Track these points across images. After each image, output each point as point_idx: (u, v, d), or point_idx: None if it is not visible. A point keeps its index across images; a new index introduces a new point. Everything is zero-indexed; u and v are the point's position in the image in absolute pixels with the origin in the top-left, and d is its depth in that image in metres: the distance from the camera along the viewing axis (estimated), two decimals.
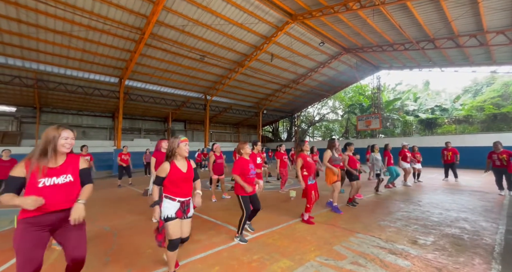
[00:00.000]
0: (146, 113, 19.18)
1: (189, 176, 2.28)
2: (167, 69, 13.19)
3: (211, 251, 2.87)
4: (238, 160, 3.29)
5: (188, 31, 10.50)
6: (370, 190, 6.52)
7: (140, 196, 6.44)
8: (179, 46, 11.21)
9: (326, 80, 18.42)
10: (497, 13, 8.19)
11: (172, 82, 14.83)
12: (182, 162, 2.31)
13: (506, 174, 5.75)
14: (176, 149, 2.26)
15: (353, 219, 4.10)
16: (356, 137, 21.12)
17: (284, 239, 3.22)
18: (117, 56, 11.30)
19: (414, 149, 7.96)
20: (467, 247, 2.92)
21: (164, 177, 2.20)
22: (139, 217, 4.42)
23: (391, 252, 2.77)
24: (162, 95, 16.33)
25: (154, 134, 20.52)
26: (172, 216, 2.16)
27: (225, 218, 4.26)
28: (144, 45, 10.32)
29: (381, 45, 12.66)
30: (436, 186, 7.32)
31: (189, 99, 17.68)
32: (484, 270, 2.37)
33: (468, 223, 3.83)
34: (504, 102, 17.44)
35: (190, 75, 14.32)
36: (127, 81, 13.27)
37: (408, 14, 9.17)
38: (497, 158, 5.84)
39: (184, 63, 12.90)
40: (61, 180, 1.67)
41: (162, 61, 12.30)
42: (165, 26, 9.96)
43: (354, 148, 5.50)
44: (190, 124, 23.05)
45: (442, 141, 9.98)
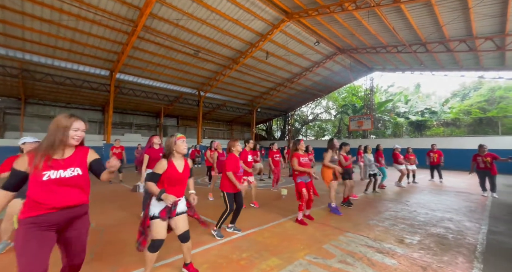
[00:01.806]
0: (137, 108, 18.79)
1: (184, 177, 2.24)
2: (160, 64, 12.92)
3: (200, 249, 2.84)
4: (229, 157, 3.28)
5: (183, 25, 10.29)
6: (361, 190, 6.61)
7: (130, 192, 6.31)
8: (173, 40, 10.99)
9: (320, 80, 18.53)
10: (486, 20, 8.41)
11: (165, 77, 14.56)
12: (180, 160, 2.26)
13: (490, 176, 5.96)
14: (174, 147, 2.22)
15: (343, 218, 4.14)
16: (348, 137, 21.42)
17: (274, 237, 3.22)
18: (108, 48, 10.96)
19: (409, 150, 8.08)
20: (451, 246, 3.00)
21: (160, 174, 2.15)
22: (127, 213, 4.32)
23: (378, 251, 2.82)
24: (155, 90, 16.02)
25: (146, 130, 20.15)
26: (156, 216, 2.09)
27: (216, 215, 4.20)
28: (136, 38, 10.05)
29: (375, 46, 12.81)
30: (424, 187, 7.52)
31: (182, 95, 17.42)
32: (466, 268, 2.44)
33: (453, 223, 3.94)
34: (490, 107, 18.06)
35: (184, 71, 14.09)
36: (118, 74, 12.92)
37: (402, 17, 9.30)
38: (482, 160, 6.04)
39: (178, 58, 12.67)
40: (68, 173, 1.50)
41: (155, 55, 12.03)
42: (159, 19, 9.73)
43: (349, 148, 5.57)
44: (183, 120, 22.76)
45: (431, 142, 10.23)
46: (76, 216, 1.56)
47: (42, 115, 15.67)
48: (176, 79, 15.08)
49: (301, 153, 4.02)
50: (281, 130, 28.22)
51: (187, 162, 2.32)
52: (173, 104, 18.27)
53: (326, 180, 4.57)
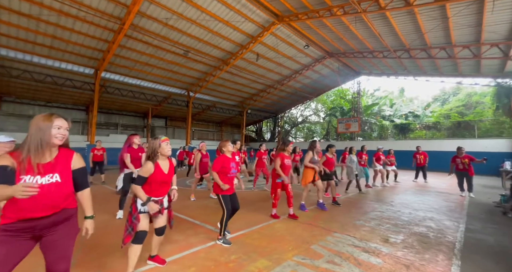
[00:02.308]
0: (124, 108, 18.22)
1: (169, 177, 2.34)
2: (148, 63, 12.64)
3: (188, 252, 2.78)
4: (219, 158, 3.25)
5: (172, 24, 10.13)
6: (344, 190, 6.76)
7: (114, 194, 6.09)
8: (162, 40, 10.79)
9: (309, 83, 18.83)
10: (463, 29, 8.92)
11: (153, 77, 14.25)
12: (165, 161, 2.34)
13: (467, 176, 6.28)
14: (158, 149, 2.27)
15: (331, 219, 4.21)
16: (337, 139, 21.88)
17: (263, 239, 3.21)
18: (93, 45, 10.58)
19: (390, 152, 8.41)
20: (432, 244, 3.13)
21: (146, 177, 2.21)
22: (111, 216, 4.16)
23: (364, 251, 2.88)
24: (142, 89, 15.62)
25: (133, 130, 19.58)
26: (144, 211, 2.24)
27: (203, 217, 4.16)
28: (123, 36, 9.77)
29: (362, 51, 13.22)
30: (408, 187, 7.81)
31: (171, 95, 17.11)
32: (446, 265, 2.55)
33: (434, 222, 4.11)
34: (467, 111, 19.11)
35: (173, 71, 13.85)
36: (103, 73, 12.48)
37: (387, 24, 9.66)
38: (460, 162, 6.36)
39: (167, 58, 12.45)
40: (45, 180, 1.37)
41: (143, 54, 11.75)
42: (147, 18, 9.52)
43: (335, 149, 5.69)
44: (172, 121, 22.33)
45: (414, 145, 10.66)
46: (56, 222, 1.45)
47: (20, 115, 14.82)
48: (164, 79, 14.79)
49: (287, 154, 4.09)
50: (271, 132, 28.35)
51: (171, 162, 2.41)
52: (162, 104, 17.89)
53: (304, 180, 4.66)
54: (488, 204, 5.47)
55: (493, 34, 8.71)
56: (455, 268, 2.49)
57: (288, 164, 4.08)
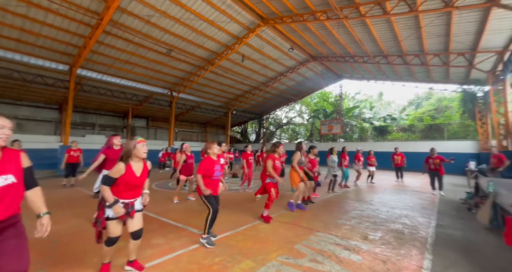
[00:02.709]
0: (102, 107, 17.32)
1: (141, 181, 2.26)
2: (129, 61, 12.15)
3: (170, 256, 2.70)
4: (204, 160, 3.19)
5: (154, 22, 9.84)
6: (327, 191, 6.96)
7: (90, 197, 5.76)
8: (144, 37, 10.43)
9: (294, 85, 19.18)
10: (434, 38, 9.60)
11: (134, 75, 13.72)
12: (138, 164, 2.26)
13: (438, 176, 6.74)
14: (133, 151, 2.19)
15: (314, 218, 4.31)
16: (320, 141, 22.45)
17: (248, 240, 3.21)
18: (67, 40, 9.95)
19: (370, 152, 8.80)
20: (407, 240, 3.31)
21: (115, 178, 2.12)
22: (84, 220, 3.93)
23: (345, 248, 2.98)
24: (122, 88, 14.97)
25: (111, 130, 18.65)
26: (113, 217, 2.15)
27: (187, 220, 4.06)
28: (102, 31, 9.31)
29: (343, 56, 13.73)
30: (386, 187, 8.21)
31: (153, 95, 16.57)
32: (419, 259, 2.71)
33: (409, 219, 4.36)
34: (438, 115, 20.52)
35: (155, 69, 13.44)
36: (79, 70, 11.80)
37: (367, 30, 10.13)
38: (432, 162, 6.81)
39: (149, 56, 12.05)
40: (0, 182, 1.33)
41: (123, 51, 11.28)
42: (128, 14, 9.16)
43: (317, 151, 5.85)
44: (153, 121, 21.62)
45: (391, 146, 11.22)
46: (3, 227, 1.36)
47: None
48: (146, 78, 14.30)
49: (277, 156, 4.11)
50: (256, 133, 28.44)
51: (146, 165, 2.33)
52: (143, 104, 17.27)
53: (295, 181, 4.73)
54: (456, 201, 5.91)
55: (459, 44, 9.47)
56: (427, 262, 2.65)
57: (278, 165, 4.09)
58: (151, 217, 4.18)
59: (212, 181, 3.13)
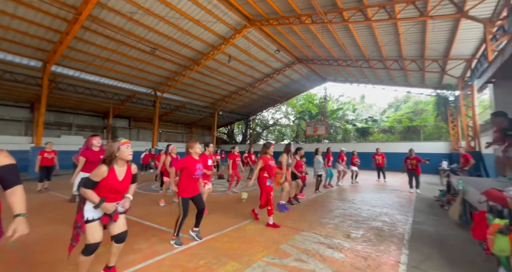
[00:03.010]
0: (79, 106, 16.42)
1: (124, 185, 2.15)
2: (110, 59, 11.64)
3: (152, 260, 2.62)
4: (184, 158, 3.15)
5: (138, 19, 9.52)
6: (313, 190, 7.11)
7: (66, 202, 5.44)
8: (126, 35, 10.05)
9: (280, 86, 19.40)
10: (411, 45, 10.17)
11: (116, 74, 13.17)
12: (122, 167, 2.15)
13: (415, 175, 7.13)
14: (117, 153, 2.07)
15: (299, 218, 4.38)
16: (305, 141, 22.87)
17: (234, 242, 3.19)
18: (40, 35, 9.34)
19: (354, 153, 9.11)
20: (386, 237, 3.47)
21: (97, 182, 2.01)
22: (58, 227, 3.71)
23: (329, 247, 3.06)
24: (102, 87, 14.30)
25: (90, 131, 17.73)
26: (94, 218, 2.01)
27: (170, 223, 3.95)
28: (80, 27, 8.85)
29: (328, 59, 14.13)
30: (368, 186, 8.53)
31: (135, 94, 16.00)
32: (397, 255, 2.85)
33: (388, 216, 4.56)
34: (415, 117, 21.67)
35: (138, 68, 12.99)
36: (54, 67, 11.11)
37: (350, 35, 10.51)
38: (410, 162, 7.19)
39: (131, 54, 11.63)
40: None
41: (103, 48, 10.79)
42: (109, 10, 8.79)
43: (304, 152, 5.97)
44: (136, 121, 20.87)
45: (373, 147, 11.70)
46: None
47: None
48: (128, 77, 13.78)
49: (269, 156, 4.11)
50: (242, 134, 28.37)
51: (130, 169, 2.21)
52: (125, 104, 16.60)
53: (277, 181, 4.79)
54: (430, 199, 6.28)
55: (433, 51, 10.10)
56: (404, 257, 2.80)
57: (272, 165, 4.09)
58: (133, 221, 4.03)
59: (192, 179, 3.12)
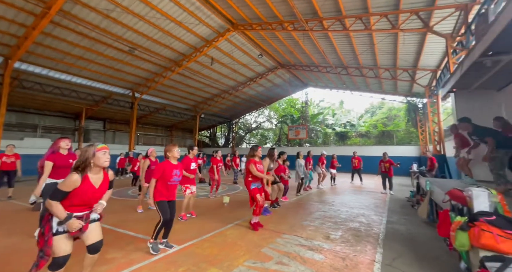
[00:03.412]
0: (47, 106, 15.21)
1: (100, 193, 1.98)
2: (83, 57, 10.98)
3: (128, 270, 2.47)
4: (162, 163, 3.02)
5: (115, 17, 9.13)
6: (294, 193, 7.23)
7: (28, 211, 4.95)
8: (102, 33, 9.57)
9: (263, 90, 19.63)
10: (385, 55, 10.89)
11: (90, 73, 12.43)
12: (98, 174, 1.96)
13: (388, 177, 7.55)
14: (91, 159, 1.88)
15: (281, 221, 4.41)
16: (287, 145, 23.24)
17: (214, 247, 3.12)
18: (3, 29, 8.55)
19: (334, 156, 9.43)
20: (363, 237, 3.61)
21: (67, 192, 1.79)
22: (19, 238, 3.36)
23: (309, 249, 3.11)
24: (74, 86, 13.42)
25: (59, 133, 16.46)
26: (63, 230, 1.80)
27: (148, 230, 3.77)
28: (49, 22, 8.25)
29: (309, 65, 14.61)
30: (346, 188, 8.86)
31: (111, 95, 15.21)
32: (372, 254, 2.98)
33: (365, 217, 4.77)
34: (389, 123, 23.07)
35: (115, 68, 12.40)
36: (18, 63, 10.22)
37: (329, 43, 10.99)
38: (383, 165, 7.62)
39: (108, 53, 11.08)
40: None
41: (76, 46, 10.16)
42: (82, 5, 8.31)
43: (287, 156, 6.07)
44: (112, 123, 19.80)
45: (351, 150, 12.17)
46: None
47: None
48: (104, 77, 13.08)
49: (257, 159, 4.08)
50: (225, 138, 28.11)
51: (107, 175, 2.04)
52: (99, 105, 15.70)
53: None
54: (402, 199, 6.68)
55: (404, 61, 10.91)
56: (379, 255, 2.93)
57: (260, 169, 4.02)
58: (107, 229, 3.78)
59: (167, 186, 3.01)
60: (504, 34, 2.52)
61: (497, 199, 2.12)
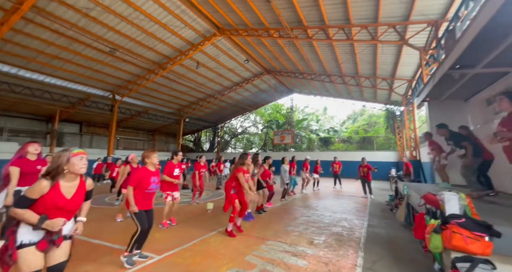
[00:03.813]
0: (15, 108, 14.09)
1: (74, 205, 1.76)
2: (59, 56, 10.39)
3: None
4: (139, 170, 2.86)
5: (95, 16, 8.78)
6: (279, 198, 7.24)
7: None
8: (80, 32, 9.13)
9: (249, 96, 19.72)
10: (366, 64, 11.45)
11: (66, 73, 11.77)
12: (72, 182, 1.77)
13: (367, 182, 7.82)
14: (65, 166, 1.70)
15: (265, 227, 4.37)
16: (273, 150, 23.38)
17: (197, 256, 3.02)
18: None
19: (318, 162, 9.62)
20: (345, 241, 3.68)
21: (33, 200, 1.61)
22: None
23: (293, 255, 3.10)
24: (48, 87, 12.64)
25: (28, 137, 15.28)
26: (29, 242, 1.59)
27: (125, 240, 3.56)
28: (20, 18, 7.72)
29: (294, 72, 14.96)
30: (329, 192, 9.03)
31: (90, 97, 14.49)
32: (354, 258, 3.03)
33: (347, 221, 4.87)
34: (369, 129, 24.09)
35: (94, 69, 11.86)
36: None
37: (314, 51, 11.35)
38: (361, 170, 7.89)
39: (86, 53, 10.59)
40: None
41: (50, 44, 9.60)
42: (59, 3, 7.91)
43: (272, 160, 6.08)
44: (89, 127, 18.80)
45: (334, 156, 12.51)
46: None
47: None
48: (81, 78, 12.44)
49: (246, 168, 4.01)
50: (210, 142, 27.72)
51: (84, 184, 1.85)
52: (76, 107, 14.85)
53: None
54: (382, 203, 6.92)
55: (383, 71, 11.52)
56: (360, 260, 2.99)
57: (247, 178, 3.97)
58: (80, 240, 3.51)
59: (145, 194, 2.85)
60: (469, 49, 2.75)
61: (465, 202, 2.26)
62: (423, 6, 6.80)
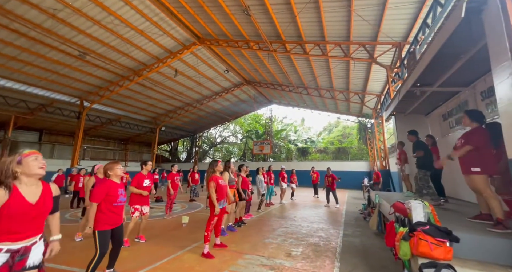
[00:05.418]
0: None
1: (40, 210, 1.51)
2: (17, 58, 9.49)
3: None
4: (103, 183, 2.57)
5: (64, 18, 8.26)
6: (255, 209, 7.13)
7: None
8: (45, 33, 8.48)
9: (228, 105, 19.70)
10: (340, 79, 12.19)
11: (24, 76, 10.74)
12: (33, 187, 1.54)
13: (332, 191, 8.01)
14: (16, 168, 1.48)
15: (243, 240, 4.23)
16: (252, 160, 23.32)
17: None
18: None
19: (293, 171, 9.74)
20: (322, 251, 3.68)
21: None
22: None
23: (271, 268, 3.01)
24: (1, 91, 11.40)
25: None
26: None
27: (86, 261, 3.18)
28: None
29: (273, 83, 15.36)
30: (306, 202, 9.12)
31: (53, 102, 13.33)
32: (330, 268, 3.04)
33: (324, 231, 4.91)
34: (344, 140, 25.32)
35: (60, 73, 11.01)
36: None
37: (292, 65, 11.82)
38: (326, 179, 8.14)
39: (51, 56, 9.82)
40: None
41: (8, 45, 8.75)
42: (22, 2, 7.33)
43: (248, 169, 5.99)
44: (51, 135, 17.18)
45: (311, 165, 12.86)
46: None
47: None
48: (44, 82, 11.44)
49: (219, 174, 3.88)
50: (187, 152, 26.84)
51: (48, 188, 1.62)
52: (35, 113, 13.52)
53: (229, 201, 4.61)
54: (356, 212, 7.15)
55: (355, 86, 12.35)
56: (336, 270, 3.00)
57: (223, 184, 3.78)
58: None
59: (113, 208, 2.54)
60: (427, 70, 3.07)
61: (429, 209, 2.41)
62: (388, 29, 7.52)
